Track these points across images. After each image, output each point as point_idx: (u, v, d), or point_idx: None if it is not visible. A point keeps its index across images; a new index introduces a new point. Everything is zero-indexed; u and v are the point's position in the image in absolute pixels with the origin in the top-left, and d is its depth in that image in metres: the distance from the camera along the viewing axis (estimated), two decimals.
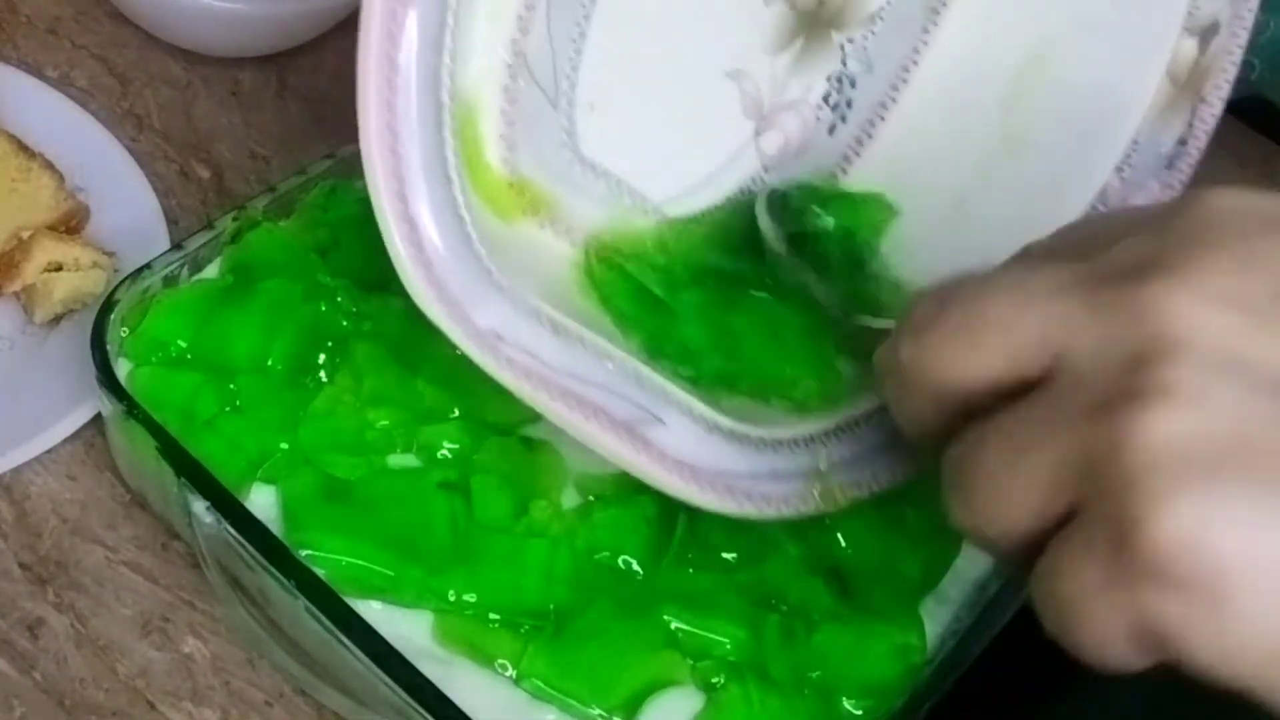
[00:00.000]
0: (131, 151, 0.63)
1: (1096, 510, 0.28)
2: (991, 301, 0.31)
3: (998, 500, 0.30)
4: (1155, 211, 0.32)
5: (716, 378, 0.48)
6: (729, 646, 0.48)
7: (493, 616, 0.48)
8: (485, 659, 0.47)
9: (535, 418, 0.52)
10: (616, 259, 0.50)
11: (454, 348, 0.43)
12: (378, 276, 0.55)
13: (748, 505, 0.44)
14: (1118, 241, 0.31)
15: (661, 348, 0.48)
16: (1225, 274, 0.29)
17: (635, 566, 0.49)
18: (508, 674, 0.47)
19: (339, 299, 0.54)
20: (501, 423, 0.52)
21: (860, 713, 0.47)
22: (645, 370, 0.44)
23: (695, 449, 0.43)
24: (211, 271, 0.54)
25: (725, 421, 0.44)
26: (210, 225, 0.54)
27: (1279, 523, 0.27)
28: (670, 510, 0.50)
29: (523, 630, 0.47)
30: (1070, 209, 0.52)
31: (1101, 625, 0.29)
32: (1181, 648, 0.28)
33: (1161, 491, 0.27)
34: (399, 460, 0.51)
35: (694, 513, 0.50)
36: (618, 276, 0.50)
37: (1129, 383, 0.28)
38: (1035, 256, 0.33)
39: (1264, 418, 0.28)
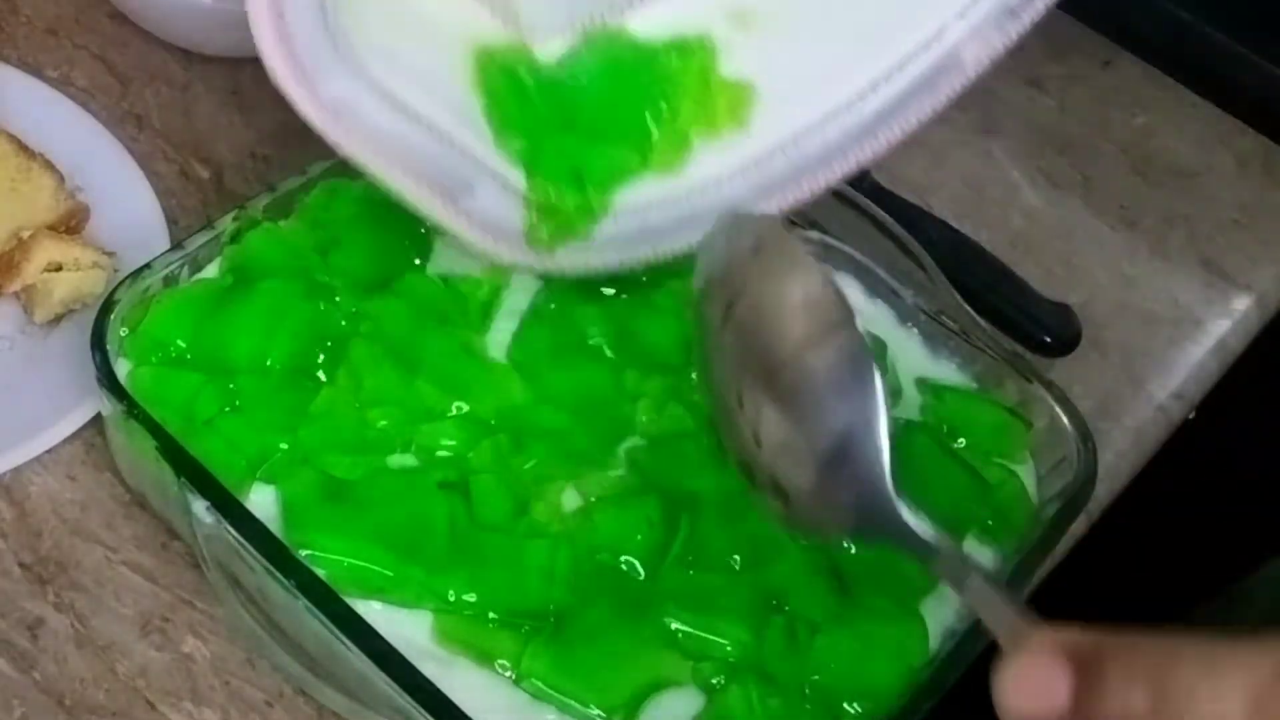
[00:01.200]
0: (131, 151, 0.63)
1: None
2: None
3: None
4: None
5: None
6: (729, 648, 0.48)
7: (492, 616, 0.48)
8: (485, 659, 0.47)
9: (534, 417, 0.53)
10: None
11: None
12: (379, 276, 0.55)
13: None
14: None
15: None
16: None
17: (637, 567, 0.49)
18: (507, 674, 0.47)
19: (339, 299, 0.54)
20: (501, 422, 0.52)
21: (860, 713, 0.47)
22: (471, 145, 0.52)
23: (505, 215, 0.49)
24: (211, 271, 0.54)
25: None
26: (210, 225, 0.54)
27: None
28: (673, 512, 0.50)
29: (523, 630, 0.47)
30: (905, 47, 0.53)
31: None
32: None
33: None
34: (399, 460, 0.51)
35: (697, 514, 0.50)
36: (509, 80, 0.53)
37: None
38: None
39: None
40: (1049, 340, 0.63)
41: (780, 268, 0.35)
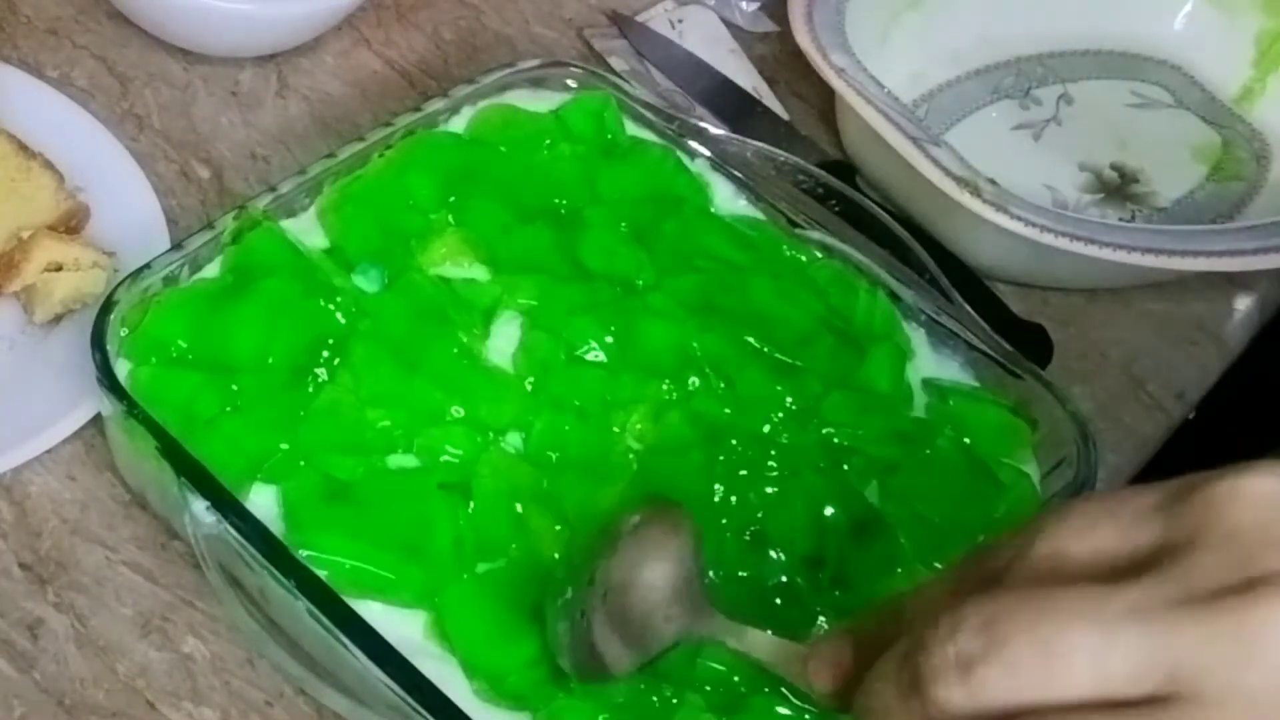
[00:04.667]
0: (131, 151, 0.63)
1: None
2: (1068, 629, 0.29)
3: None
4: (1172, 504, 0.31)
5: None
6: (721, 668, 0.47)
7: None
8: None
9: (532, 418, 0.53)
10: None
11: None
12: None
13: None
14: (1160, 548, 0.30)
15: None
16: None
17: None
18: None
19: (339, 299, 0.54)
20: (500, 424, 0.52)
21: None
22: None
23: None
24: (211, 271, 0.54)
25: None
26: (210, 225, 0.54)
27: None
28: None
29: None
30: None
31: None
32: None
33: None
34: (399, 460, 0.51)
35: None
36: None
37: None
38: (1058, 571, 0.31)
39: None
40: None
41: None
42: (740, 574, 0.50)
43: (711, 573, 0.49)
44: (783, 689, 0.47)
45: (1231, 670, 0.28)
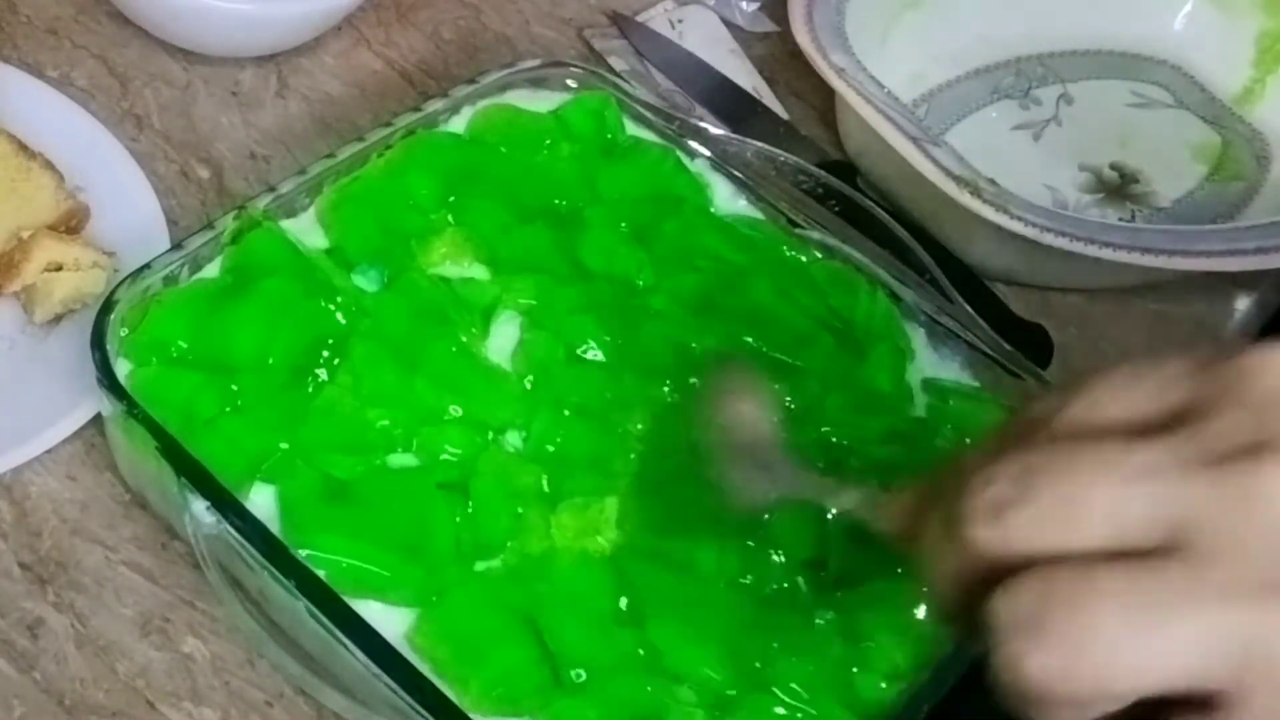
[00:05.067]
0: (131, 151, 0.63)
1: (1272, 698, 0.29)
2: (1090, 482, 0.31)
3: (1113, 661, 0.30)
4: (1205, 370, 0.32)
5: None
6: (716, 676, 0.47)
7: None
8: None
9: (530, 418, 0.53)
10: None
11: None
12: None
13: None
14: (1186, 410, 0.31)
15: None
16: None
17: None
18: None
19: (339, 299, 0.54)
20: (500, 423, 0.52)
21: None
22: None
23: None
24: (211, 271, 0.54)
25: None
26: (210, 225, 0.54)
27: None
28: None
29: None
30: None
31: None
32: None
33: None
34: (398, 460, 0.51)
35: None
36: None
37: None
38: (1092, 428, 0.33)
39: None
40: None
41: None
42: (742, 580, 0.50)
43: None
44: (774, 689, 0.47)
45: (1231, 525, 0.29)
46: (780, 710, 0.47)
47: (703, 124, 0.64)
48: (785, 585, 0.50)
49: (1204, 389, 0.32)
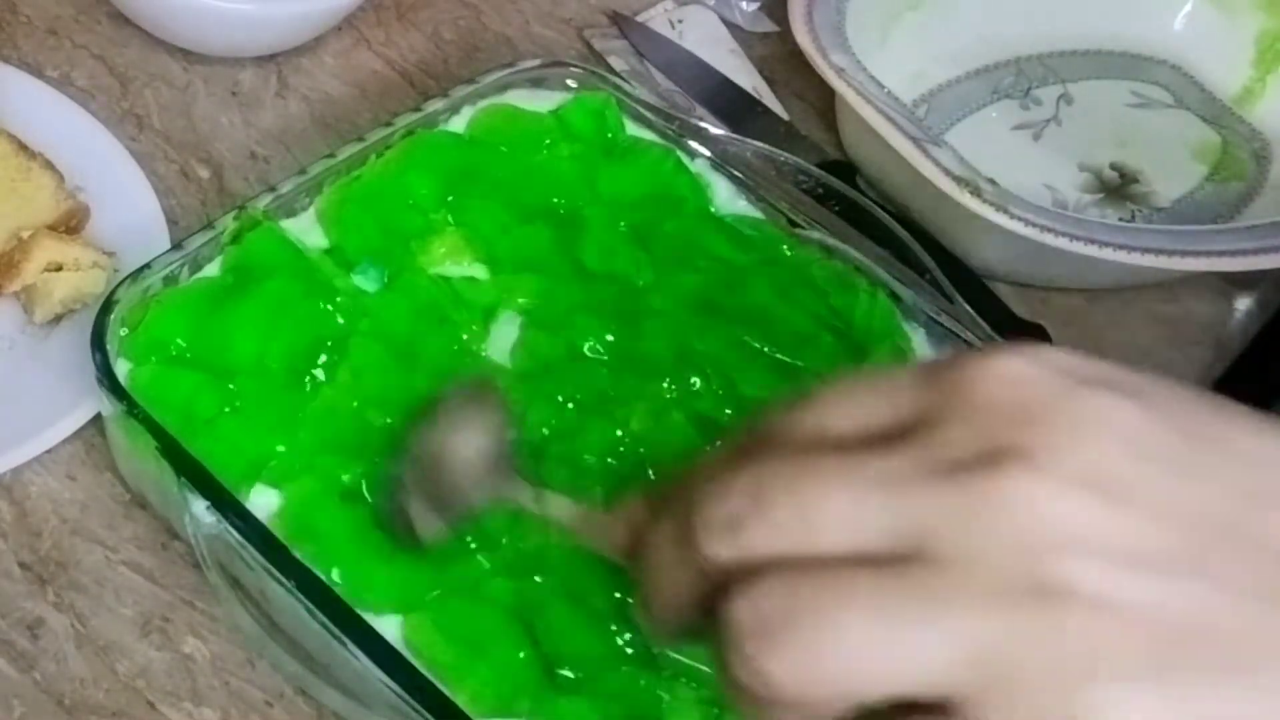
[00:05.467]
0: (131, 151, 0.63)
1: (1008, 707, 0.29)
2: (824, 493, 0.31)
3: (853, 665, 0.30)
4: (931, 379, 0.32)
5: None
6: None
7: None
8: None
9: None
10: None
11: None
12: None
13: None
14: (916, 421, 0.31)
15: None
16: (1073, 453, 0.30)
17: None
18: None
19: (338, 299, 0.54)
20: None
21: None
22: None
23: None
24: (211, 271, 0.54)
25: None
26: (210, 225, 0.54)
27: (1196, 713, 0.28)
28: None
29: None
30: None
31: None
32: None
33: (1093, 694, 0.28)
34: None
35: None
36: None
37: (1031, 579, 0.29)
38: (823, 440, 0.33)
39: (1173, 600, 0.29)
40: None
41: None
42: None
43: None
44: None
45: (966, 535, 0.29)
46: None
47: (703, 124, 0.64)
48: None
49: (931, 398, 0.32)
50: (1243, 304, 0.71)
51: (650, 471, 0.51)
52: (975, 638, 0.29)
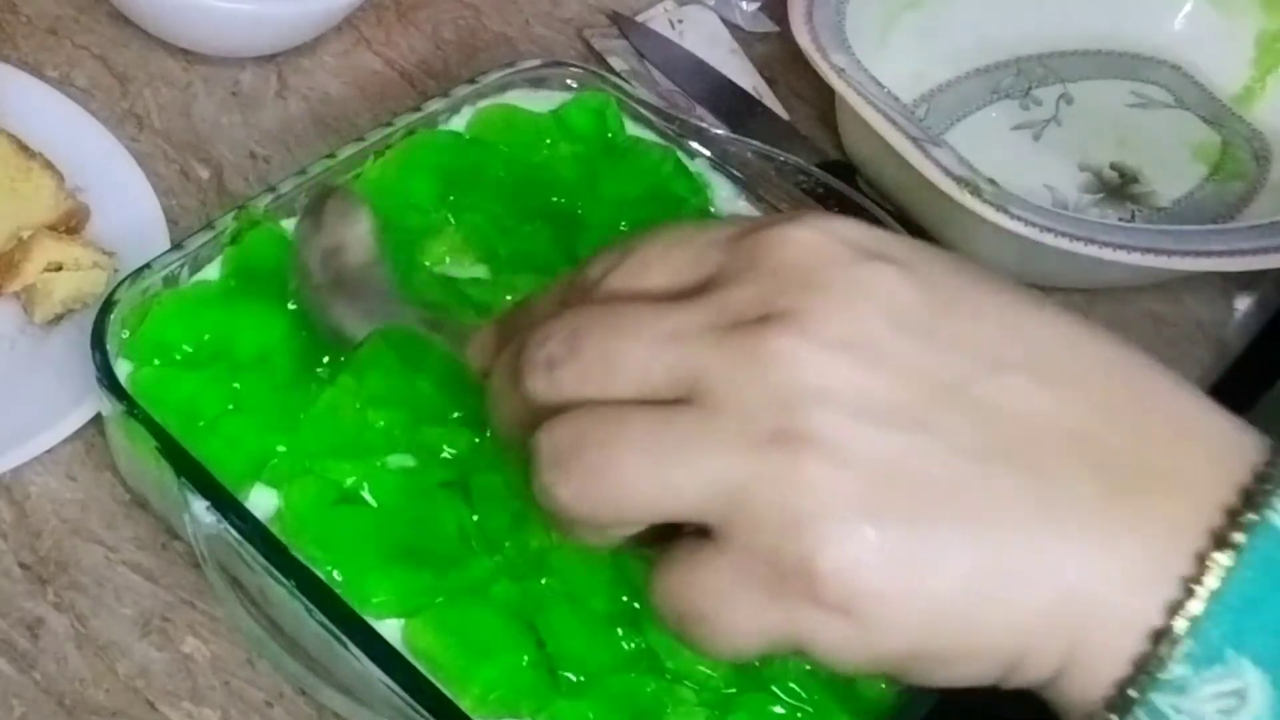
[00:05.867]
0: (131, 151, 0.63)
1: (752, 538, 0.33)
2: (624, 343, 0.35)
3: (626, 493, 0.34)
4: (734, 242, 0.36)
5: None
6: (717, 678, 0.47)
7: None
8: None
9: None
10: None
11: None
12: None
13: None
14: (714, 279, 0.35)
15: None
16: (837, 317, 0.33)
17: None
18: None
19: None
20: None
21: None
22: None
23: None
24: (212, 272, 0.54)
25: None
26: (210, 225, 0.54)
27: (916, 558, 0.32)
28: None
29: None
30: None
31: (744, 628, 0.34)
32: (826, 652, 0.33)
33: (823, 535, 0.32)
34: (398, 460, 0.51)
35: None
36: None
37: (778, 426, 0.33)
38: (635, 292, 0.36)
39: (897, 451, 0.33)
40: None
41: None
42: None
43: None
44: (773, 688, 0.47)
45: (732, 385, 0.33)
46: (779, 709, 0.47)
47: (703, 124, 0.64)
48: None
49: (731, 260, 0.36)
50: (1243, 304, 0.71)
51: None
52: (724, 476, 0.33)
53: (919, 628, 0.33)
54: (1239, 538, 0.32)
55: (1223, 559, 0.32)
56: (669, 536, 0.35)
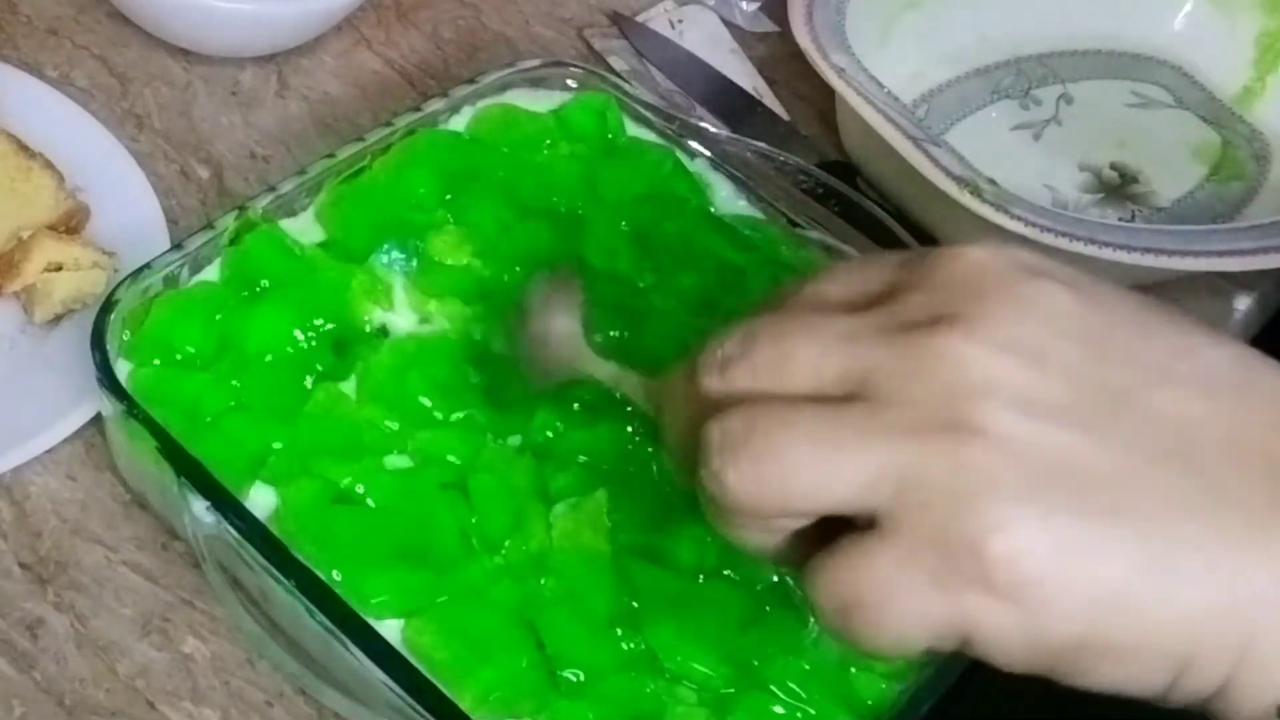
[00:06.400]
0: (131, 151, 0.63)
1: (920, 523, 0.33)
2: (797, 343, 0.36)
3: (793, 480, 0.35)
4: (909, 262, 0.38)
5: None
6: (714, 677, 0.48)
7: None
8: None
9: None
10: None
11: None
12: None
13: None
14: (892, 291, 0.37)
15: None
16: (1004, 323, 0.35)
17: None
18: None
19: (340, 300, 0.54)
20: (500, 428, 0.52)
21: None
22: None
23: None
24: (212, 272, 0.54)
25: None
26: (210, 225, 0.54)
27: (1083, 546, 0.33)
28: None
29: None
30: None
31: (910, 618, 0.34)
32: (991, 640, 0.34)
33: (993, 517, 0.33)
34: (395, 461, 0.51)
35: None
36: None
37: (947, 415, 0.34)
38: (814, 303, 0.38)
39: (1063, 446, 0.33)
40: None
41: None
42: (726, 574, 0.50)
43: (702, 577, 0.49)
44: (773, 688, 0.47)
45: (900, 380, 0.35)
46: (779, 709, 0.47)
47: (703, 124, 0.64)
48: (777, 581, 0.50)
49: (904, 275, 0.37)
50: (1243, 304, 0.71)
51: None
52: (892, 463, 0.34)
53: (1085, 616, 0.33)
54: None
55: None
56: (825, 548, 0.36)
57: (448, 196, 0.58)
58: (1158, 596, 0.33)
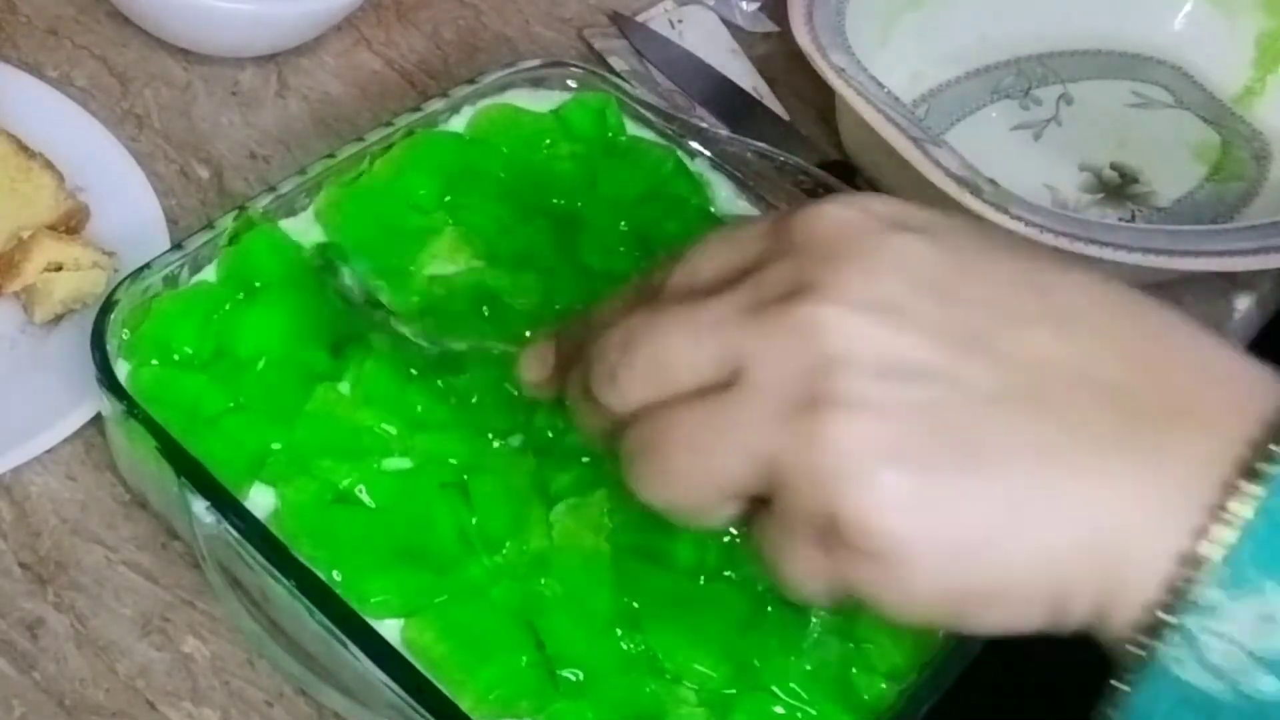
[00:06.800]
0: (131, 151, 0.63)
1: (792, 501, 0.35)
2: (672, 340, 0.37)
3: (685, 486, 0.37)
4: (772, 228, 0.38)
5: None
6: (715, 676, 0.48)
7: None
8: None
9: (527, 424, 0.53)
10: None
11: None
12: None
13: None
14: (754, 264, 0.37)
15: None
16: (861, 283, 0.35)
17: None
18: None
19: (340, 301, 0.54)
20: (501, 429, 0.52)
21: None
22: None
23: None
24: (211, 272, 0.54)
25: None
26: (210, 225, 0.54)
27: (938, 501, 0.34)
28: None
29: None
30: None
31: (809, 579, 0.36)
32: (871, 596, 0.35)
33: (845, 487, 0.34)
34: (395, 463, 0.51)
35: None
36: None
37: (805, 394, 0.34)
38: (687, 288, 0.38)
39: (917, 403, 0.34)
40: None
41: None
42: (726, 574, 0.50)
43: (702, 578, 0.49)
44: (773, 688, 0.47)
45: (767, 361, 0.35)
46: (779, 709, 0.47)
47: (703, 124, 0.64)
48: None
49: (769, 244, 0.37)
50: (1243, 304, 0.71)
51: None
52: (759, 451, 0.35)
53: (948, 568, 0.34)
54: (1266, 468, 0.33)
55: (1251, 488, 0.33)
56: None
57: (447, 197, 0.58)
58: (1016, 539, 0.34)
